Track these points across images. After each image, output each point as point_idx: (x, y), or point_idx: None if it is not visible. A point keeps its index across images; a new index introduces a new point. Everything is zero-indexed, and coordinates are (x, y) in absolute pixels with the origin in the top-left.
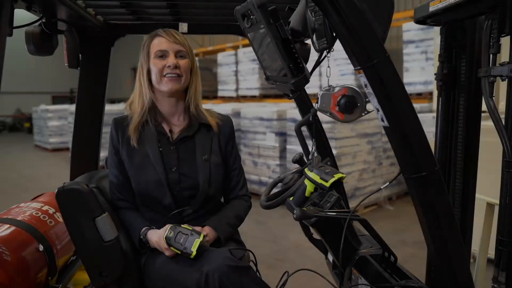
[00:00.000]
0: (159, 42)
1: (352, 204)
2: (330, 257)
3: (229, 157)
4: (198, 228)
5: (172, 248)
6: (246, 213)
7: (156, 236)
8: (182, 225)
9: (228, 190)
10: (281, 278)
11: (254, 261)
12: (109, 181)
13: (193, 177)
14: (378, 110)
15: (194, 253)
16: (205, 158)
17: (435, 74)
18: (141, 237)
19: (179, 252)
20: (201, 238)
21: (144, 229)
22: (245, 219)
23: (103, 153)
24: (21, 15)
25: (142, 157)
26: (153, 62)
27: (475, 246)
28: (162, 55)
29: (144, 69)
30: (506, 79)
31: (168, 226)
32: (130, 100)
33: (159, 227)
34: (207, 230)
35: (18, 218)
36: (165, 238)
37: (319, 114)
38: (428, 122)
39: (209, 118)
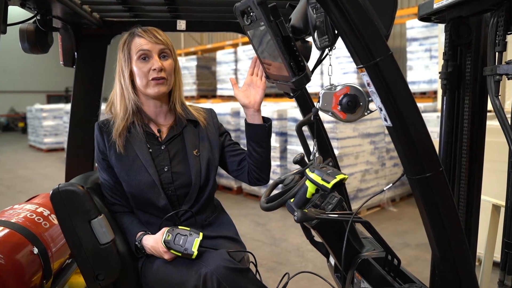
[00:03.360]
0: (140, 43)
1: (355, 205)
2: (332, 260)
3: (227, 141)
4: None
5: (172, 251)
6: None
7: (152, 241)
8: (179, 227)
9: (240, 162)
10: (281, 280)
11: (254, 263)
12: (101, 186)
13: (186, 174)
14: (381, 110)
15: (196, 253)
16: (195, 153)
17: (439, 72)
18: (136, 243)
19: (179, 255)
20: (200, 237)
21: (139, 234)
22: (245, 221)
23: None
24: (15, 12)
25: (132, 159)
26: (136, 65)
27: (481, 249)
28: (145, 56)
29: (125, 71)
30: None
31: (165, 230)
32: (109, 102)
33: (155, 230)
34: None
35: (12, 220)
36: (164, 242)
37: (320, 113)
38: (432, 122)
39: (196, 114)
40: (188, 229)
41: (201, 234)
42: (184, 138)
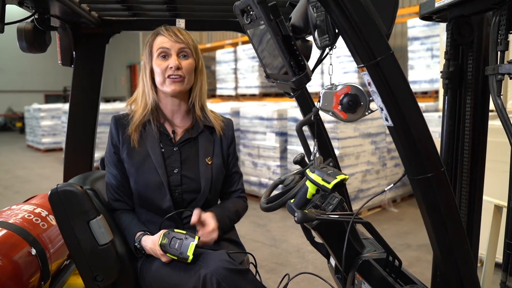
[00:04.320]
0: (161, 41)
1: (355, 206)
2: (333, 261)
3: (230, 160)
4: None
5: (168, 254)
6: (243, 213)
7: (150, 243)
8: (175, 230)
9: (227, 192)
10: (281, 281)
11: (254, 264)
12: (106, 181)
13: (195, 179)
14: (382, 109)
15: (191, 257)
16: (207, 160)
17: (441, 72)
18: (136, 244)
19: (175, 258)
20: (196, 241)
21: (138, 234)
22: (245, 222)
23: (98, 154)
24: (13, 11)
25: (143, 157)
26: (155, 63)
27: (482, 250)
28: (165, 54)
29: (147, 69)
30: None
31: (161, 232)
32: (133, 97)
33: (157, 229)
34: (209, 215)
35: (9, 221)
36: (160, 245)
37: (321, 113)
38: (434, 122)
39: (214, 120)
40: (184, 232)
41: (196, 237)
42: (198, 144)
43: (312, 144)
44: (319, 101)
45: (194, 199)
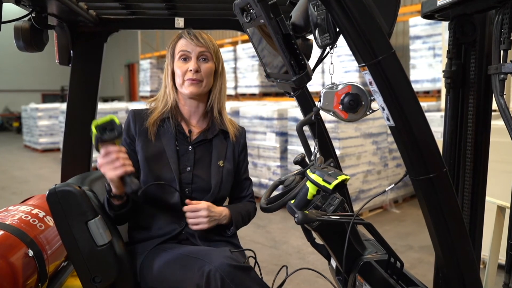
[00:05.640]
0: (183, 44)
1: (356, 207)
2: (333, 263)
3: (241, 167)
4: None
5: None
6: (253, 216)
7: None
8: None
9: (237, 198)
10: (278, 272)
11: (255, 260)
12: None
13: (206, 180)
14: (383, 109)
15: (106, 119)
16: (219, 163)
17: (443, 71)
18: (107, 189)
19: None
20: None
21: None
22: None
23: (96, 154)
24: (10, 10)
25: (157, 152)
26: (176, 65)
27: (485, 251)
28: (185, 57)
29: (169, 70)
30: None
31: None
32: (156, 96)
33: (160, 225)
34: (222, 209)
35: (6, 222)
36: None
37: (321, 113)
38: (436, 122)
39: (229, 127)
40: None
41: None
42: (212, 146)
43: (312, 144)
44: (319, 101)
45: (202, 198)
